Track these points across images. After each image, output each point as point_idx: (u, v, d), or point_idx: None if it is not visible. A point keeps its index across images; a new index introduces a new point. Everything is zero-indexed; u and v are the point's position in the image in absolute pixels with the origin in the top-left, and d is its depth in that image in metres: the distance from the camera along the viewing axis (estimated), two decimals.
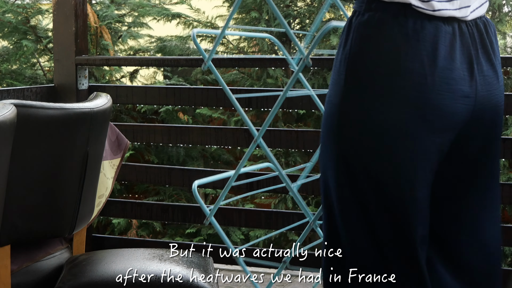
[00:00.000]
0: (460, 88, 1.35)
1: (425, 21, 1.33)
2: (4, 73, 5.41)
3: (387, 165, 1.35)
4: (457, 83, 1.35)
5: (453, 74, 1.35)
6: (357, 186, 1.37)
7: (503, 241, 2.96)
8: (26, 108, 1.82)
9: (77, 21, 3.08)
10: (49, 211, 1.98)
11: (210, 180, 2.45)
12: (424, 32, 1.33)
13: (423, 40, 1.33)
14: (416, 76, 1.32)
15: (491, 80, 1.41)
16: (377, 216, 1.36)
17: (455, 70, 1.35)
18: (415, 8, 1.33)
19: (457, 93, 1.35)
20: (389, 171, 1.35)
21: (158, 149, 5.14)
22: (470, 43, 1.38)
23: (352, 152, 1.37)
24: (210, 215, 2.35)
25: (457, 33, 1.36)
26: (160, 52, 5.56)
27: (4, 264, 1.89)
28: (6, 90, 2.88)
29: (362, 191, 1.37)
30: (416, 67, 1.32)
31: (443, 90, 1.34)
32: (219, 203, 2.34)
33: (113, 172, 2.41)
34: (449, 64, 1.35)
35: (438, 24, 1.34)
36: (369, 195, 1.36)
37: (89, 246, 3.15)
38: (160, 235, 5.05)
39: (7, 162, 1.76)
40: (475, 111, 1.38)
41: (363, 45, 1.35)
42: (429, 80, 1.33)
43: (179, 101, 3.14)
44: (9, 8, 5.32)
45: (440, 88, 1.33)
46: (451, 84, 1.34)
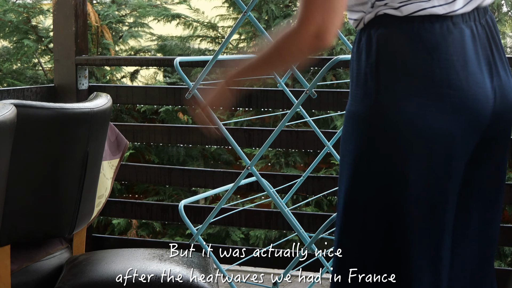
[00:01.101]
0: (487, 91, 1.35)
1: (450, 25, 1.33)
2: (5, 72, 5.41)
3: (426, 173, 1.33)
4: (485, 86, 1.35)
5: (482, 77, 1.35)
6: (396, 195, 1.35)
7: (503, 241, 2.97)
8: (26, 108, 1.82)
9: (77, 21, 3.08)
10: (49, 211, 1.98)
11: (197, 198, 2.46)
12: (452, 37, 1.33)
13: (453, 45, 1.32)
14: (453, 82, 1.31)
15: (504, 80, 1.41)
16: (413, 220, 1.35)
17: (482, 73, 1.35)
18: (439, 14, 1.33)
19: (487, 96, 1.35)
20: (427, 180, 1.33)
21: (158, 149, 5.14)
22: (486, 44, 1.38)
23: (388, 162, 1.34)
24: (197, 235, 2.34)
25: (476, 34, 1.36)
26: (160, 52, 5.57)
27: (4, 264, 1.89)
28: (6, 90, 2.88)
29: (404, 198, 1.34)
30: (451, 73, 1.31)
31: (477, 94, 1.33)
32: (208, 223, 2.34)
33: (112, 173, 2.42)
34: (478, 67, 1.35)
35: (461, 27, 1.34)
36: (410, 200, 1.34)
37: (89, 246, 3.15)
38: (160, 235, 5.05)
39: (7, 162, 1.76)
40: (494, 112, 1.38)
41: (391, 56, 1.33)
42: (464, 85, 1.32)
43: (179, 101, 3.15)
44: (10, 7, 5.33)
45: (474, 92, 1.33)
46: (482, 88, 1.34)
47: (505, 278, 2.84)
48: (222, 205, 2.30)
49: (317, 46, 1.32)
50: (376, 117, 1.34)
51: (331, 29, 1.31)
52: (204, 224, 2.34)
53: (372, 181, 1.36)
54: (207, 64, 2.25)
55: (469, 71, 1.33)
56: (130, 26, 5.62)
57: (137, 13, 5.57)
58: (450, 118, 1.31)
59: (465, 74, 1.32)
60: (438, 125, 1.31)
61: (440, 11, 1.32)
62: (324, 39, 1.31)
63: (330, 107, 2.99)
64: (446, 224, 1.37)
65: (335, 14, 1.31)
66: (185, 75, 2.29)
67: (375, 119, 1.34)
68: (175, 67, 2.28)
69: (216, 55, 2.26)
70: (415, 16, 1.33)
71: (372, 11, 1.36)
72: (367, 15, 1.37)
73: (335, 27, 1.31)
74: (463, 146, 1.35)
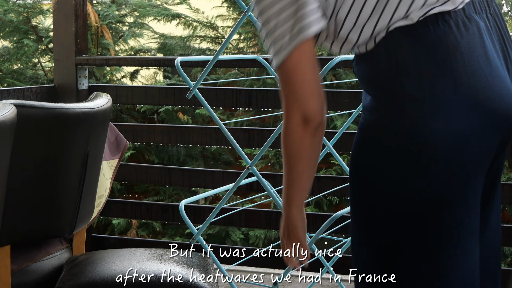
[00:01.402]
0: (509, 85, 1.30)
1: (465, 20, 1.27)
2: (5, 72, 5.41)
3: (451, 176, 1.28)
4: (506, 80, 1.30)
5: (503, 70, 1.30)
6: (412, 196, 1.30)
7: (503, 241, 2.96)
8: (26, 108, 1.82)
9: (77, 21, 3.08)
10: (49, 211, 1.98)
11: (197, 198, 2.46)
12: (469, 33, 1.26)
13: (472, 41, 1.26)
14: (478, 79, 1.25)
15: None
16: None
17: (502, 66, 1.30)
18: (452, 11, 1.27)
19: (510, 89, 1.30)
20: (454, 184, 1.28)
21: (158, 149, 5.14)
22: (500, 34, 1.33)
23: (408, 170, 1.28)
24: (197, 234, 2.34)
25: (489, 26, 1.31)
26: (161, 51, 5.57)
27: (4, 264, 1.89)
28: (6, 90, 2.88)
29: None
30: (476, 70, 1.25)
31: (501, 90, 1.28)
32: (208, 222, 2.34)
33: (111, 173, 2.41)
34: (498, 61, 1.29)
35: (476, 19, 1.28)
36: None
37: (89, 246, 3.15)
38: (160, 235, 5.05)
39: (7, 162, 1.76)
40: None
41: (410, 60, 1.26)
42: (490, 81, 1.26)
43: (179, 101, 3.15)
44: (10, 7, 5.33)
45: (499, 88, 1.27)
46: (505, 82, 1.29)
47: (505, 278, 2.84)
48: (223, 205, 2.30)
49: (311, 129, 1.33)
50: (406, 131, 1.27)
51: (315, 110, 1.31)
52: (205, 224, 2.34)
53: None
54: (208, 64, 2.25)
55: (492, 66, 1.27)
56: (130, 26, 5.62)
57: (137, 13, 5.58)
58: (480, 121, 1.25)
59: (489, 69, 1.26)
60: (469, 132, 1.25)
61: (449, 6, 1.26)
62: (313, 120, 1.32)
63: (330, 107, 2.99)
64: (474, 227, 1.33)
65: (313, 94, 1.31)
66: (186, 75, 2.29)
67: (404, 133, 1.27)
68: (176, 67, 2.28)
69: (217, 55, 2.26)
70: (427, 18, 1.26)
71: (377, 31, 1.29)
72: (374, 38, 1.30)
73: (318, 104, 1.32)
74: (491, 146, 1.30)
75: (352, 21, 1.30)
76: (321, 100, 1.33)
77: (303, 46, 1.29)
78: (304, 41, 1.28)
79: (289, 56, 1.29)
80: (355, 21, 1.30)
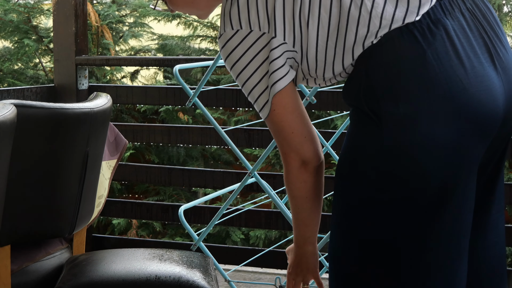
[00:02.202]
0: (492, 81, 1.27)
1: (431, 26, 1.25)
2: (6, 72, 5.41)
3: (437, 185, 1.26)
4: (488, 78, 1.26)
5: (482, 69, 1.26)
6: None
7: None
8: (26, 108, 1.82)
9: (77, 21, 3.08)
10: (49, 211, 1.98)
11: (196, 203, 2.45)
12: (436, 38, 1.24)
13: (441, 48, 1.24)
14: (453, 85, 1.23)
15: (508, 61, 1.32)
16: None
17: (483, 64, 1.27)
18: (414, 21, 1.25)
19: (493, 86, 1.26)
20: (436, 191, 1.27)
21: (158, 149, 5.14)
22: (479, 28, 1.29)
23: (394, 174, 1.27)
24: (198, 241, 2.33)
25: (465, 24, 1.28)
26: (161, 51, 5.57)
27: (4, 264, 1.89)
28: (6, 90, 2.88)
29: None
30: (449, 76, 1.23)
31: (479, 92, 1.25)
32: (209, 229, 2.33)
33: (110, 173, 2.41)
34: (476, 60, 1.26)
35: (444, 22, 1.26)
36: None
37: (89, 246, 3.15)
38: (160, 235, 5.05)
39: (7, 162, 1.76)
40: (506, 105, 1.30)
41: (382, 77, 1.26)
42: (465, 84, 1.24)
43: (179, 101, 3.15)
44: (11, 7, 5.33)
45: (476, 90, 1.24)
46: (484, 81, 1.26)
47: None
48: (224, 211, 2.30)
49: (312, 169, 1.38)
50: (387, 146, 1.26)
51: (310, 156, 1.38)
52: (205, 231, 2.33)
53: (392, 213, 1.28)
54: (207, 72, 2.22)
55: (467, 68, 1.24)
56: (130, 26, 5.62)
57: (137, 13, 5.58)
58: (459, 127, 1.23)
59: (463, 72, 1.24)
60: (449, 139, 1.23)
61: (410, 18, 1.25)
62: (311, 163, 1.38)
63: (330, 107, 2.99)
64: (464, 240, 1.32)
65: (305, 141, 1.37)
66: (185, 83, 2.28)
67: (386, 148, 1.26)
68: (174, 75, 2.27)
69: (216, 62, 2.24)
70: (391, 32, 1.26)
71: (347, 63, 1.31)
72: (351, 64, 1.32)
73: (311, 150, 1.38)
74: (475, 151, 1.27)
75: (322, 61, 1.33)
76: (314, 145, 1.38)
77: (282, 97, 1.34)
78: (280, 92, 1.34)
79: (272, 110, 1.36)
80: (324, 61, 1.33)
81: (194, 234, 2.33)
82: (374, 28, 1.27)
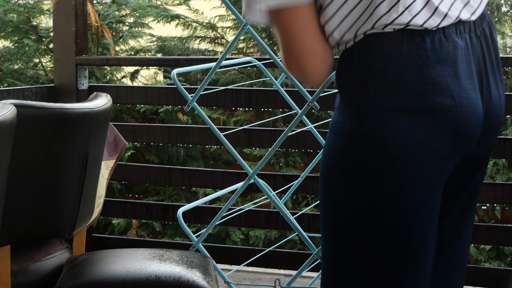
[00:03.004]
0: (479, 107, 1.31)
1: (442, 38, 1.28)
2: (6, 72, 5.41)
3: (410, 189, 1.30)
4: (477, 103, 1.30)
5: (475, 92, 1.30)
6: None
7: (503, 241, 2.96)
8: (26, 108, 1.83)
9: (77, 21, 3.09)
10: (49, 211, 1.98)
11: (195, 205, 2.45)
12: (444, 52, 1.27)
13: (444, 61, 1.26)
14: (445, 99, 1.26)
15: (494, 94, 1.36)
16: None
17: (475, 89, 1.30)
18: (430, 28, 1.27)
19: (478, 113, 1.31)
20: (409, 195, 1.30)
21: (158, 149, 5.14)
22: (480, 55, 1.33)
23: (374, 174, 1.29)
24: (197, 243, 2.33)
25: (469, 46, 1.31)
26: (160, 52, 5.57)
27: (4, 264, 1.89)
28: (6, 90, 2.88)
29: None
30: (443, 89, 1.26)
31: (469, 112, 1.28)
32: (208, 231, 2.32)
33: (107, 173, 2.42)
34: (470, 82, 1.30)
35: (454, 40, 1.29)
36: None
37: (89, 246, 3.15)
38: (160, 235, 5.05)
39: (7, 162, 1.76)
40: (482, 130, 1.34)
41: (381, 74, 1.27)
42: (457, 101, 1.27)
43: (179, 101, 3.15)
44: (10, 7, 5.33)
45: (467, 110, 1.28)
46: (475, 104, 1.30)
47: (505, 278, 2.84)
48: (224, 213, 2.29)
49: (309, 81, 1.36)
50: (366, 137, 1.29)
51: (309, 72, 1.33)
52: (204, 233, 2.32)
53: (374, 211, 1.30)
54: (206, 77, 2.20)
55: (462, 87, 1.28)
56: (130, 26, 5.63)
57: (137, 14, 5.58)
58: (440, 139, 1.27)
59: (458, 90, 1.27)
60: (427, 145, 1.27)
61: (430, 25, 1.27)
62: (307, 80, 1.35)
63: (330, 107, 2.99)
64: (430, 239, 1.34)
65: (307, 57, 1.32)
66: (183, 88, 2.26)
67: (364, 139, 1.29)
68: (172, 79, 2.26)
69: (216, 67, 2.23)
70: (405, 31, 1.27)
71: (358, 35, 1.31)
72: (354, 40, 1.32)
73: (313, 67, 1.33)
74: (447, 167, 1.31)
75: (338, 20, 1.31)
76: (319, 65, 1.33)
77: (298, 10, 1.29)
78: (299, 4, 1.28)
79: (280, 8, 1.28)
80: (340, 21, 1.31)
81: (193, 236, 2.33)
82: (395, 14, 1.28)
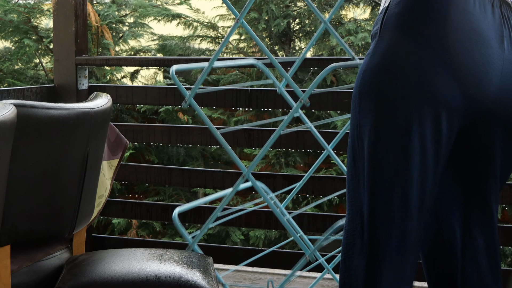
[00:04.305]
0: (491, 72, 1.38)
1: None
2: (6, 72, 5.41)
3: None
4: (493, 67, 1.37)
5: (491, 58, 1.38)
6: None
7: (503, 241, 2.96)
8: (26, 108, 1.82)
9: (77, 21, 3.09)
10: (49, 211, 1.98)
11: (192, 206, 2.44)
12: (476, 8, 1.36)
13: (466, 12, 1.36)
14: (462, 51, 1.35)
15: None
16: None
17: (496, 52, 1.39)
18: None
19: (494, 65, 1.38)
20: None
21: (158, 149, 5.14)
22: (502, 11, 1.40)
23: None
24: (194, 243, 2.32)
25: (497, 10, 1.39)
26: (161, 52, 5.57)
27: (4, 264, 1.89)
28: (6, 90, 2.88)
29: None
30: (463, 41, 1.34)
31: (482, 73, 1.36)
32: (203, 232, 2.31)
33: (112, 173, 2.42)
34: (497, 45, 1.37)
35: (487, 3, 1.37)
36: None
37: (89, 246, 3.15)
38: (160, 235, 5.05)
39: (7, 162, 1.76)
40: (494, 97, 1.40)
41: (407, 18, 1.39)
42: (476, 58, 1.36)
43: (179, 101, 3.15)
44: (11, 7, 5.34)
45: (480, 71, 1.36)
46: (491, 62, 1.37)
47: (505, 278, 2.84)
48: (218, 214, 2.27)
49: None
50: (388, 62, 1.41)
51: None
52: (199, 235, 2.31)
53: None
54: (202, 72, 2.21)
55: (481, 49, 1.35)
56: (130, 26, 5.63)
57: (137, 13, 5.58)
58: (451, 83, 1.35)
59: (479, 51, 1.35)
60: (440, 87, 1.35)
61: None
62: None
63: (330, 107, 2.99)
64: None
65: None
66: (180, 84, 2.25)
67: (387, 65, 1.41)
68: (170, 75, 2.25)
69: (212, 62, 2.22)
70: None
71: None
72: None
73: None
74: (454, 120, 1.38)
75: None
76: None
77: None
78: None
79: None
80: None
81: (188, 237, 2.32)
82: None
